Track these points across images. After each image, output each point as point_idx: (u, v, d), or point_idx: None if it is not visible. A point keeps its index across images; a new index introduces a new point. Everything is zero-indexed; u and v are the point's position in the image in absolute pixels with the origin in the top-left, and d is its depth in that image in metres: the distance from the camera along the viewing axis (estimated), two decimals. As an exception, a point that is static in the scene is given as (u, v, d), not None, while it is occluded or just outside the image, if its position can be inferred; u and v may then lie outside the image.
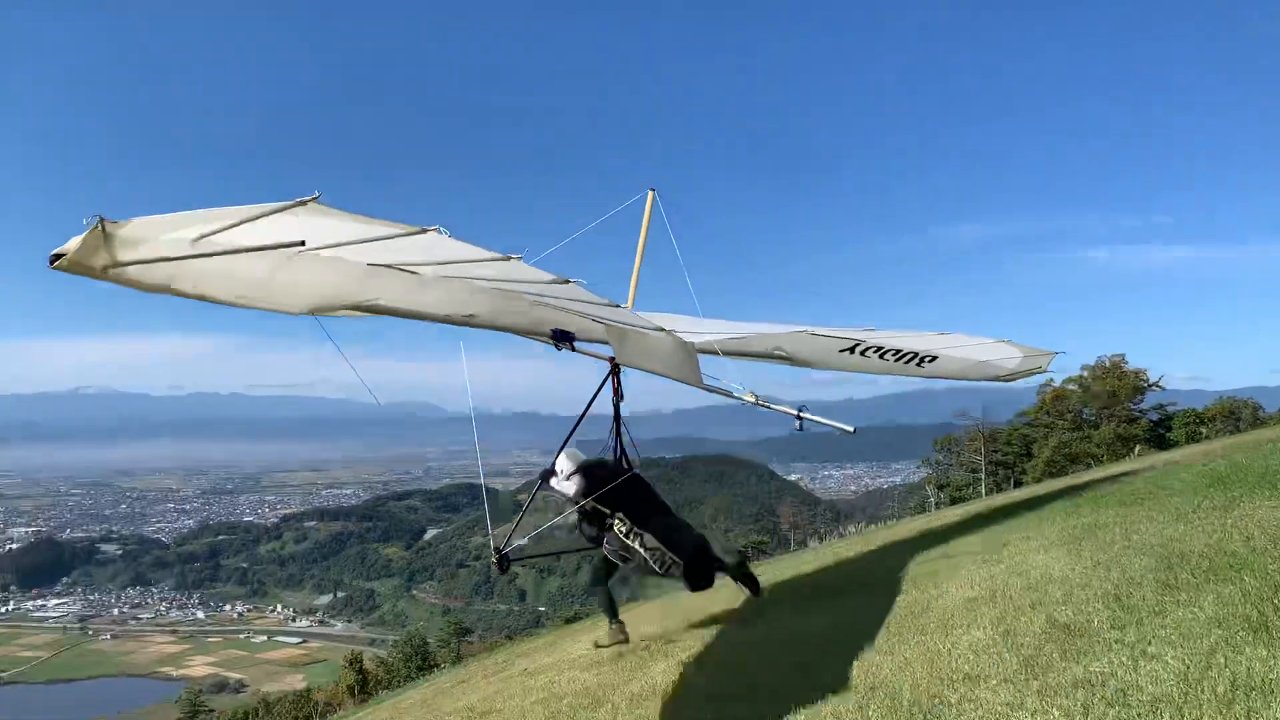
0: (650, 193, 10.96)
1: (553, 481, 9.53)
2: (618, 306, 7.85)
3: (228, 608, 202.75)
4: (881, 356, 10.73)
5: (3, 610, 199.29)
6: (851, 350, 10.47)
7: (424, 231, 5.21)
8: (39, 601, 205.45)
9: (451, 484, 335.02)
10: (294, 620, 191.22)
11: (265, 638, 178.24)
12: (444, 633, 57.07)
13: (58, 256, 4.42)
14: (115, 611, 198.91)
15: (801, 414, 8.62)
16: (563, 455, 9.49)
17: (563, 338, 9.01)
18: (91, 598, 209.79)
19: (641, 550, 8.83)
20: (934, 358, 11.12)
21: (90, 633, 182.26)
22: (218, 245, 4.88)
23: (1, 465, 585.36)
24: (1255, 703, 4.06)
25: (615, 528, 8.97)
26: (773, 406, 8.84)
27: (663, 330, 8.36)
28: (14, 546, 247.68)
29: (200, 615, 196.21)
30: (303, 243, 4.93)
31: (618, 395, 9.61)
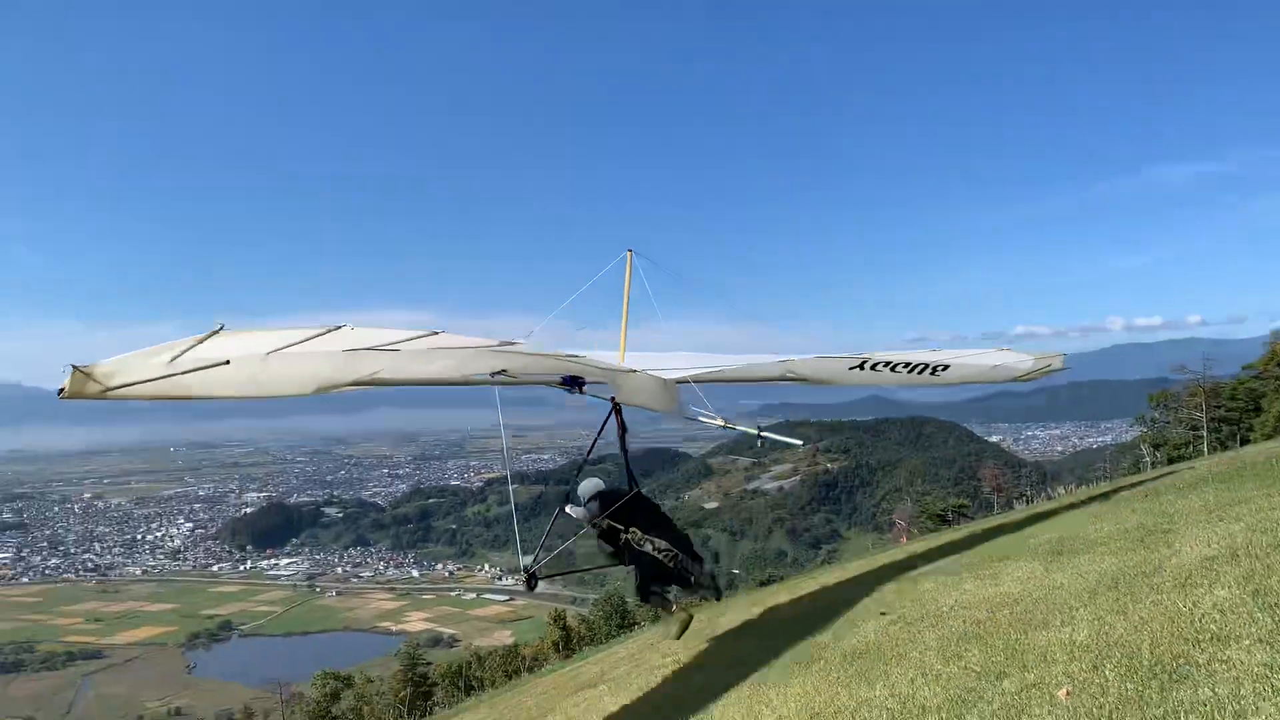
0: (628, 253, 11.98)
1: (568, 508, 10.51)
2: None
3: (439, 567, 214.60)
4: (892, 369, 11.33)
5: (241, 569, 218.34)
6: (861, 367, 11.07)
7: (336, 329, 6.44)
8: (271, 561, 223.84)
9: (643, 448, 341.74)
10: (500, 579, 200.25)
11: (475, 595, 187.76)
12: (642, 592, 58.40)
13: (61, 390, 5.88)
14: (339, 570, 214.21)
15: (761, 432, 9.90)
16: (584, 483, 10.58)
17: (573, 383, 10.12)
18: (317, 557, 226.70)
19: (655, 552, 9.91)
20: (946, 366, 11.63)
21: (317, 590, 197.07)
22: (184, 365, 6.28)
23: (236, 436, 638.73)
24: None
25: (630, 540, 9.96)
26: (737, 427, 10.40)
27: (636, 371, 9.81)
28: (248, 511, 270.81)
29: (415, 574, 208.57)
30: (227, 361, 6.46)
31: (621, 429, 10.80)
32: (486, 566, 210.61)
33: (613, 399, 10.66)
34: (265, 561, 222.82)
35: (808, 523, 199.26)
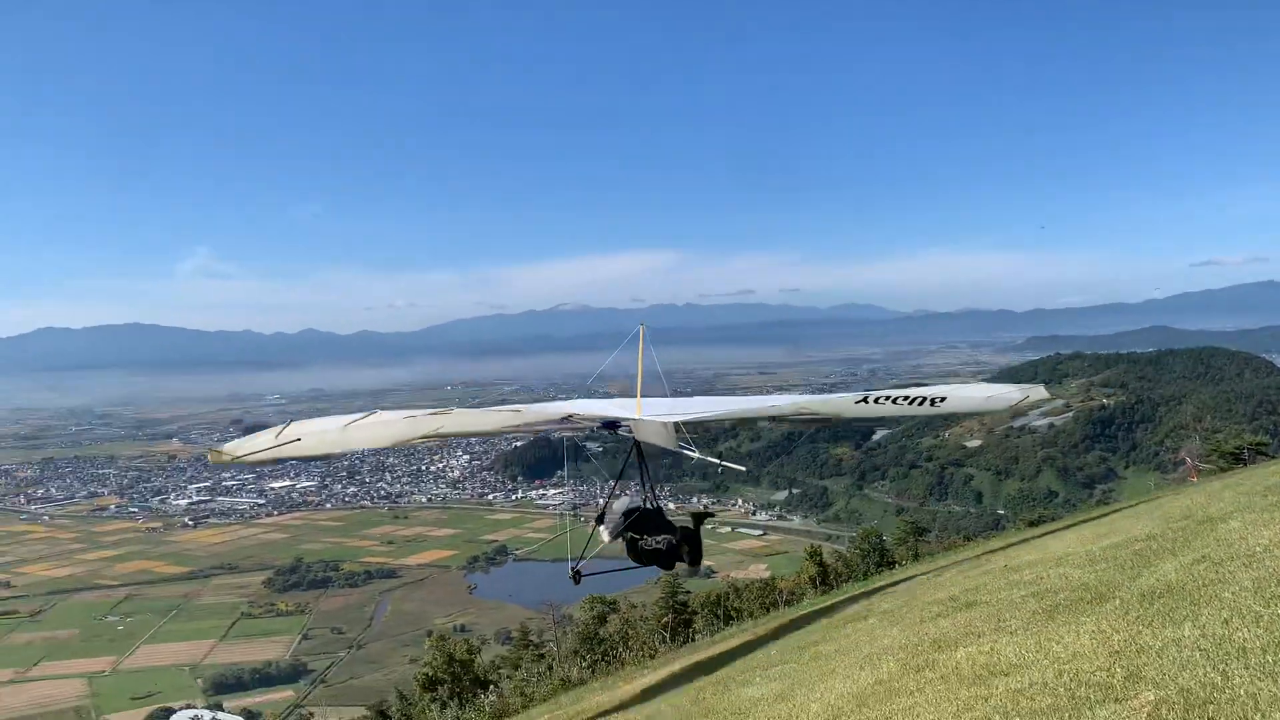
0: (641, 327, 14.71)
1: (600, 528, 13.53)
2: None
3: (694, 500, 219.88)
4: (894, 402, 12.65)
5: (512, 498, 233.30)
6: (864, 400, 12.68)
7: (372, 412, 10.40)
8: (540, 491, 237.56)
9: (899, 384, 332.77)
10: (754, 514, 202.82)
11: (729, 529, 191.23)
12: (900, 531, 57.18)
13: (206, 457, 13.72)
14: (599, 501, 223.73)
15: (721, 461, 12.22)
16: (615, 504, 13.39)
17: (611, 425, 13.27)
18: (580, 489, 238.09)
19: (657, 544, 13.25)
20: (943, 398, 12.94)
21: (581, 519, 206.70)
22: (274, 443, 9.81)
23: (504, 374, 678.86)
24: None
25: (641, 545, 13.27)
26: (715, 461, 13.35)
27: (638, 418, 12.83)
28: (517, 445, 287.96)
29: (670, 506, 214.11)
30: (299, 439, 10.05)
31: (640, 458, 13.49)
32: (740, 501, 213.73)
33: (634, 436, 13.35)
34: (534, 492, 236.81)
35: (1080, 461, 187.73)
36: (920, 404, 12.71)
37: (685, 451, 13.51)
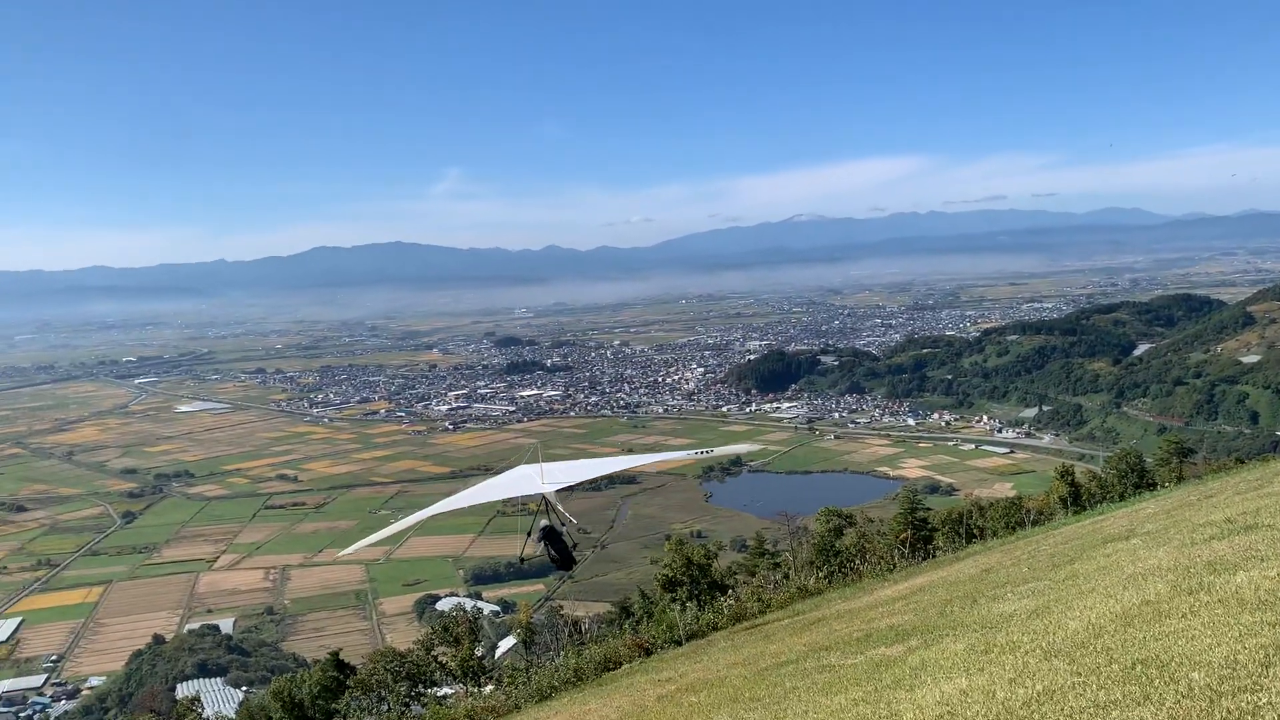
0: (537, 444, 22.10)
1: (530, 538, 19.21)
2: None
3: (935, 416, 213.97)
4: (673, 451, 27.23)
5: (748, 410, 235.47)
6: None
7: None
8: (774, 404, 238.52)
9: (1164, 295, 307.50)
10: (1000, 431, 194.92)
11: (972, 446, 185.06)
12: (1162, 451, 53.37)
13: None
14: (835, 415, 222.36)
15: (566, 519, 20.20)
16: (541, 524, 19.21)
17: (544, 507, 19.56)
18: (815, 403, 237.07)
19: (550, 551, 19.31)
20: (710, 450, 31.97)
21: (816, 433, 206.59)
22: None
23: (738, 287, 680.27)
24: None
25: (548, 551, 19.38)
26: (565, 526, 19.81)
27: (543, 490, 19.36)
28: (751, 358, 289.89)
29: (910, 422, 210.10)
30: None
31: (549, 507, 19.30)
32: (985, 418, 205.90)
33: (543, 495, 19.29)
34: (768, 405, 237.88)
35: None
36: (694, 451, 23.89)
37: (563, 517, 19.80)
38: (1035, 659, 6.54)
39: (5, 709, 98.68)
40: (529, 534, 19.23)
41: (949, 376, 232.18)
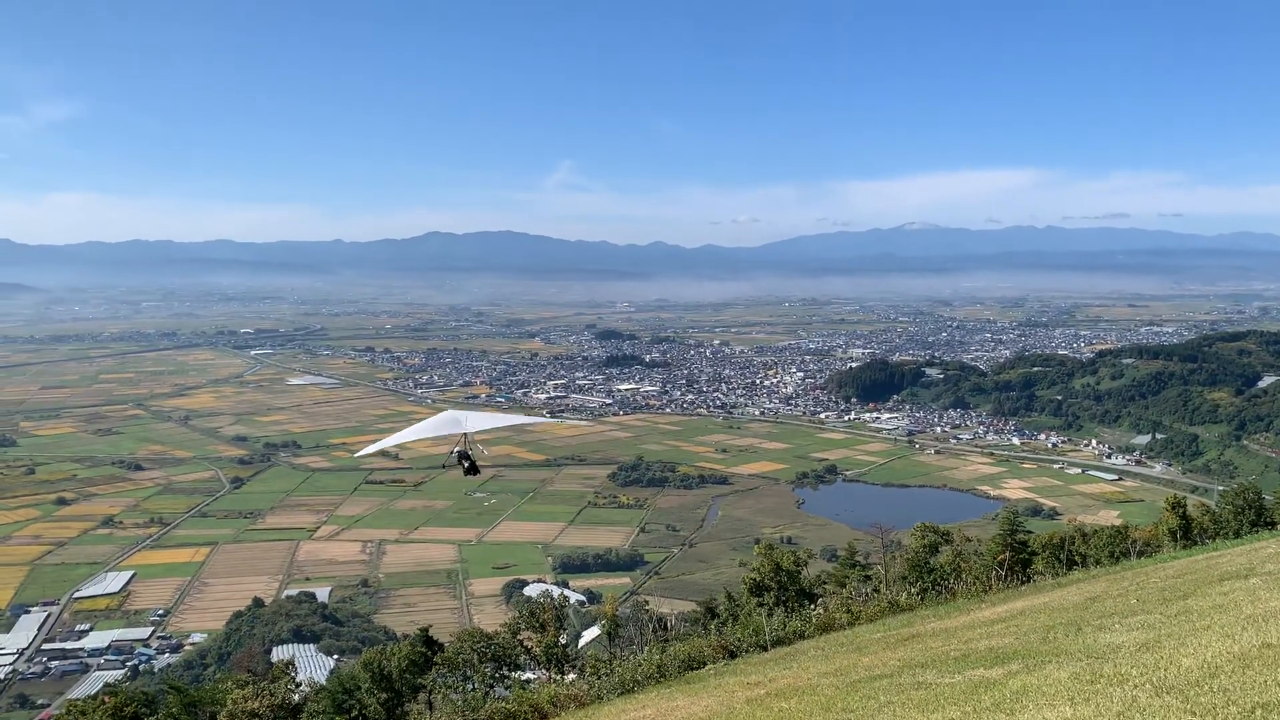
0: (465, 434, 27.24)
1: (452, 456, 25.28)
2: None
3: (1041, 436, 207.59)
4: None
5: (846, 418, 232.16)
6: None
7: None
8: (874, 414, 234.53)
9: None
10: (1109, 457, 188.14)
11: (1079, 470, 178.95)
12: (1285, 489, 50.94)
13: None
14: (937, 430, 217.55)
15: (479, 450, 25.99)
16: (457, 450, 24.87)
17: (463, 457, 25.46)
18: (917, 415, 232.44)
19: (464, 464, 25.07)
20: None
21: (916, 446, 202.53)
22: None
23: (843, 292, 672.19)
24: None
25: (463, 465, 25.35)
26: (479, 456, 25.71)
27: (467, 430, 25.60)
28: (853, 365, 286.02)
29: (1015, 441, 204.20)
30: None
31: (467, 440, 24.85)
32: (1094, 442, 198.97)
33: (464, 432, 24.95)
34: (868, 414, 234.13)
35: None
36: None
37: (477, 445, 25.42)
38: (1145, 694, 6.34)
39: (114, 656, 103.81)
40: (451, 452, 25.35)
41: (1059, 397, 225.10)
